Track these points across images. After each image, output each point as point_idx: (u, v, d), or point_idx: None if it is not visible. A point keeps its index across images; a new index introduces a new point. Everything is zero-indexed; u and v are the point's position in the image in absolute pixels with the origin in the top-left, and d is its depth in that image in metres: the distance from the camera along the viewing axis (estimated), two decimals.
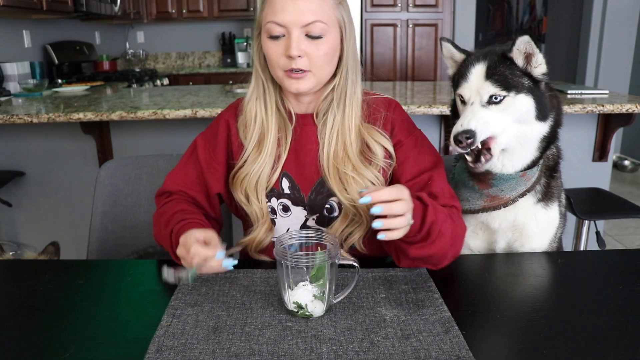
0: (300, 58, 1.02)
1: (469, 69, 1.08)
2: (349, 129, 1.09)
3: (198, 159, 1.16)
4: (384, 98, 1.17)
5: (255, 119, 1.12)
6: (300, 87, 1.05)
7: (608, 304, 0.93)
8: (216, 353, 0.78)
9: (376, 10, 4.74)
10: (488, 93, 1.05)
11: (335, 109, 1.10)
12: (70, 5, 3.53)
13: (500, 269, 1.12)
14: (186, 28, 5.50)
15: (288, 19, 1.00)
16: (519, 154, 1.12)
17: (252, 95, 1.13)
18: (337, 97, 1.10)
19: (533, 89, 1.06)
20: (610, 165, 2.58)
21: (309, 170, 1.12)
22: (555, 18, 5.84)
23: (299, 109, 1.15)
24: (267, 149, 1.10)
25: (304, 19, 1.00)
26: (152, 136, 2.54)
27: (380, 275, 1.02)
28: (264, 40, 1.05)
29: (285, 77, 1.05)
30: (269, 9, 1.02)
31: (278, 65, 1.04)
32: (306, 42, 1.02)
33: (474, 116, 1.04)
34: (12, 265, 1.17)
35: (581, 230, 2.12)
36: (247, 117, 1.13)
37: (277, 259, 0.87)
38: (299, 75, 1.04)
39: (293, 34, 1.01)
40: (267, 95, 1.12)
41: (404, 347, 0.79)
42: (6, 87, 3.19)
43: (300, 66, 1.02)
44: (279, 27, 1.01)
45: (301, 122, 1.14)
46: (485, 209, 1.16)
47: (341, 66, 1.09)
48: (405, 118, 1.16)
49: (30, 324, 0.88)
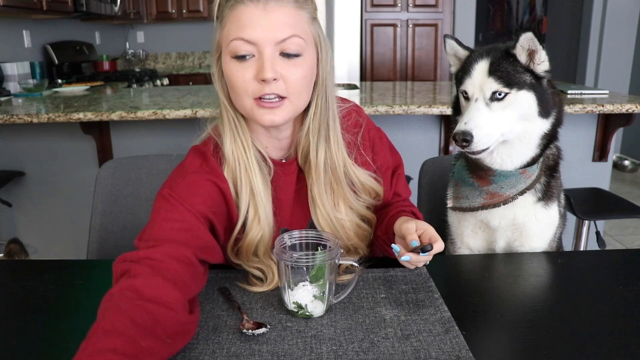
0: (276, 81, 0.85)
1: (472, 66, 1.09)
2: (338, 164, 0.97)
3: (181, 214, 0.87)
4: (350, 108, 1.05)
5: (240, 169, 0.93)
6: (275, 119, 0.87)
7: (608, 304, 0.93)
8: (216, 353, 0.78)
9: (376, 10, 4.74)
10: (491, 89, 1.05)
11: (318, 143, 0.95)
12: (70, 5, 3.53)
13: (500, 269, 1.12)
14: (186, 28, 5.50)
15: (259, 34, 0.83)
16: (518, 150, 1.12)
17: (228, 136, 0.94)
18: (316, 128, 0.95)
19: (535, 85, 1.06)
20: (610, 165, 2.59)
21: (300, 214, 1.02)
22: (555, 18, 5.84)
23: (275, 147, 0.99)
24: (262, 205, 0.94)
25: (278, 34, 0.84)
26: (152, 136, 2.54)
27: (380, 275, 1.02)
28: (227, 63, 0.87)
29: (255, 107, 0.87)
30: (233, 24, 0.85)
31: (246, 92, 0.86)
32: (281, 63, 0.85)
33: (476, 117, 1.05)
34: (12, 265, 1.16)
35: (581, 230, 2.12)
36: (232, 165, 0.93)
37: (277, 259, 0.87)
38: (274, 104, 0.86)
39: (266, 53, 0.83)
40: (240, 134, 0.93)
41: (404, 347, 0.79)
42: (6, 87, 3.19)
43: (275, 91, 0.85)
44: (248, 44, 0.84)
45: (286, 171, 1.00)
46: (485, 206, 1.16)
47: (317, 91, 0.93)
48: (373, 126, 1.09)
49: (30, 324, 0.88)
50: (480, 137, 1.04)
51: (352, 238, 1.02)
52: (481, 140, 1.04)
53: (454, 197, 1.22)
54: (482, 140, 1.04)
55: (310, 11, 0.90)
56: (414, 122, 2.58)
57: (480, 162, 1.15)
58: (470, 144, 1.04)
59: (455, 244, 1.28)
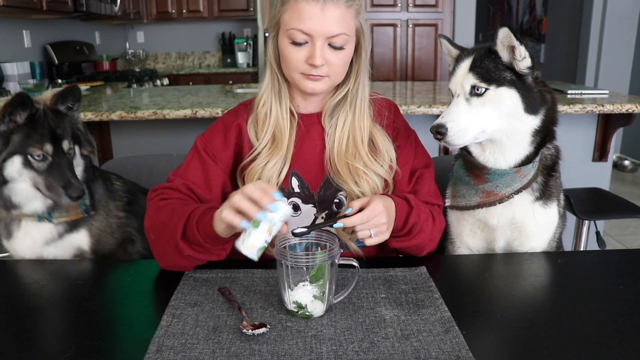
0: (322, 66, 1.04)
1: (458, 64, 1.11)
2: (360, 127, 1.13)
3: (203, 159, 1.12)
4: (385, 99, 1.21)
5: (270, 114, 1.12)
6: (316, 88, 1.08)
7: (608, 303, 0.93)
8: (216, 353, 0.78)
9: (376, 10, 4.73)
10: (469, 84, 1.07)
11: (348, 110, 1.13)
12: (70, 5, 3.53)
13: (500, 269, 1.12)
14: (186, 28, 5.50)
15: (315, 28, 1.02)
16: (510, 148, 1.12)
17: (266, 91, 1.13)
18: (350, 100, 1.13)
19: (516, 82, 1.06)
20: (610, 165, 2.58)
21: (315, 169, 1.14)
22: (555, 18, 5.84)
23: (305, 108, 1.16)
24: (282, 147, 1.11)
25: (330, 30, 1.02)
26: (152, 136, 2.53)
27: (380, 275, 1.02)
28: (285, 43, 1.06)
29: (302, 78, 1.07)
30: (294, 14, 1.03)
31: (297, 69, 1.06)
32: (328, 52, 1.04)
33: (454, 112, 1.08)
34: (12, 265, 1.17)
35: (581, 230, 2.12)
36: (260, 113, 1.13)
37: (277, 259, 0.87)
38: (317, 78, 1.06)
39: (317, 44, 1.03)
40: (282, 93, 1.13)
41: (404, 347, 0.79)
42: (6, 87, 3.19)
43: (320, 73, 1.05)
44: (304, 35, 1.03)
45: (306, 122, 1.15)
46: (481, 204, 1.16)
47: (357, 71, 1.12)
48: (404, 122, 1.22)
49: (30, 324, 0.88)
50: (455, 131, 1.05)
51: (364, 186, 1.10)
52: (456, 134, 1.06)
53: (451, 196, 1.22)
54: (458, 134, 1.06)
55: (357, 7, 1.07)
56: (414, 122, 2.55)
57: (474, 161, 1.16)
58: (445, 137, 1.06)
59: (454, 243, 1.28)
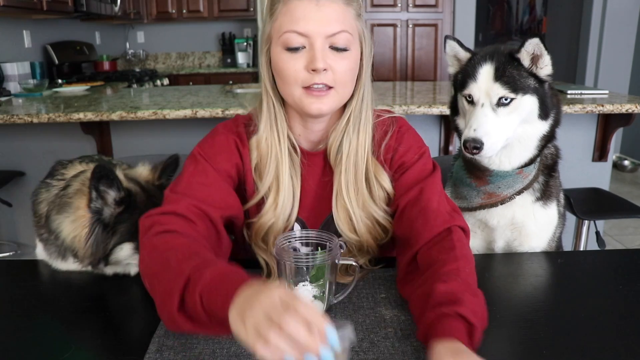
0: (325, 72, 0.90)
1: (476, 69, 1.09)
2: (362, 157, 0.99)
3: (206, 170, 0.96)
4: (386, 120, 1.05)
5: (270, 154, 0.98)
6: (322, 108, 0.92)
7: (608, 303, 0.93)
8: (216, 353, 0.78)
9: (376, 10, 4.74)
10: (497, 95, 1.06)
11: (351, 134, 0.98)
12: (70, 5, 3.53)
13: (500, 269, 1.12)
14: (186, 28, 5.50)
15: (311, 27, 0.89)
16: (517, 151, 1.12)
17: (264, 123, 0.98)
18: (352, 122, 0.98)
19: (538, 89, 1.07)
20: (610, 165, 2.58)
21: (319, 207, 1.03)
22: (555, 18, 5.84)
23: (307, 137, 1.02)
24: (283, 195, 0.98)
25: (329, 28, 0.89)
26: (152, 136, 2.54)
27: (380, 275, 1.02)
28: (278, 53, 0.92)
29: (304, 95, 0.91)
30: (286, 17, 0.90)
31: (296, 81, 0.91)
32: (330, 55, 0.90)
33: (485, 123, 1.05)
34: (12, 265, 1.17)
35: (581, 230, 2.12)
36: (263, 152, 0.98)
37: (277, 259, 0.87)
38: (322, 92, 0.91)
39: (317, 45, 0.89)
40: (279, 122, 0.98)
41: (404, 347, 0.79)
42: (6, 87, 3.19)
43: (324, 80, 0.90)
44: (300, 37, 0.89)
45: (308, 157, 1.02)
46: (482, 206, 1.16)
47: (359, 86, 0.97)
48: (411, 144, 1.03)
49: (30, 324, 0.88)
50: (490, 144, 1.05)
51: (364, 235, 1.00)
52: (491, 147, 1.05)
53: (452, 197, 1.22)
54: (492, 147, 1.05)
55: (357, 8, 0.95)
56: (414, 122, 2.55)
57: (477, 163, 1.15)
58: (481, 151, 1.04)
59: None
